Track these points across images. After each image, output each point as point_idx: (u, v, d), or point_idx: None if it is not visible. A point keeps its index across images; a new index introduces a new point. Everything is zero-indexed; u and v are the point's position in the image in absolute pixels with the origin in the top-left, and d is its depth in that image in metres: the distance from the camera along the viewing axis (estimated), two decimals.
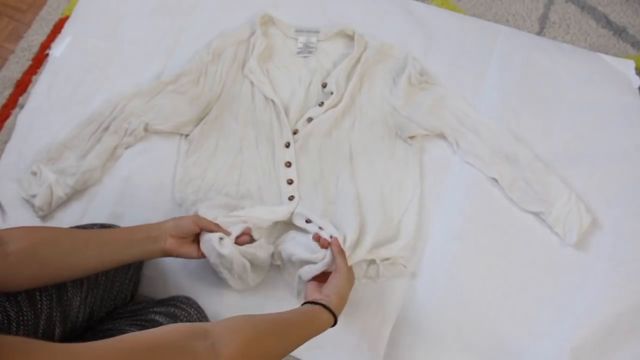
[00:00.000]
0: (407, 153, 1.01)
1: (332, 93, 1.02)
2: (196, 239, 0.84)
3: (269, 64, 1.08)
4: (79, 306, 0.73)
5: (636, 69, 1.10)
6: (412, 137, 1.02)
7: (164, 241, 0.79)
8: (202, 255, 0.83)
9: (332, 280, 0.79)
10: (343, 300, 0.78)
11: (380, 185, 0.98)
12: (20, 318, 0.65)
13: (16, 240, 0.67)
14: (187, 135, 1.02)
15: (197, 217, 0.84)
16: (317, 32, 1.10)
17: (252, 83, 1.05)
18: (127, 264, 0.81)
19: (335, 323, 0.74)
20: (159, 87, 1.03)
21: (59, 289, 0.71)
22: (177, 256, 0.82)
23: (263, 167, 0.99)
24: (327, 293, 0.77)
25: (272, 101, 1.03)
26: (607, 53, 1.13)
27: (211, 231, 0.83)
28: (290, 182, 0.98)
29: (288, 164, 0.99)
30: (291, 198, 0.97)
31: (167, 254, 0.80)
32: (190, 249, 0.83)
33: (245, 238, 0.85)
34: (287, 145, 1.00)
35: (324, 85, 1.05)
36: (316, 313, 0.72)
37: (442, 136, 1.04)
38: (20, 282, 0.67)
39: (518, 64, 1.10)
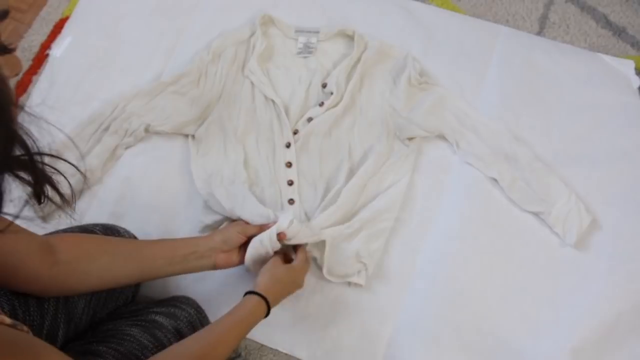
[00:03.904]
0: (403, 153, 1.01)
1: (332, 93, 1.02)
2: (241, 246, 0.86)
3: (269, 65, 1.08)
4: (83, 308, 0.73)
5: (636, 69, 1.10)
6: (410, 139, 1.02)
7: (214, 257, 0.81)
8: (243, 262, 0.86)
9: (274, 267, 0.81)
10: (277, 283, 0.79)
11: (373, 192, 0.98)
12: (27, 318, 0.65)
13: (64, 250, 0.68)
14: (192, 136, 1.02)
15: (242, 227, 0.86)
16: (317, 32, 1.10)
17: (252, 83, 1.05)
18: None
19: (268, 313, 0.76)
20: (160, 87, 1.03)
21: None
22: (225, 268, 0.84)
23: (263, 167, 0.99)
24: (259, 280, 0.78)
25: (273, 101, 1.03)
26: (607, 53, 1.13)
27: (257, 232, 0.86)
28: (290, 183, 0.98)
29: (289, 164, 0.99)
30: (291, 201, 0.97)
31: (217, 268, 0.83)
32: (238, 258, 0.85)
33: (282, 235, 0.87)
34: (288, 146, 1.00)
35: (324, 86, 1.05)
36: (254, 315, 0.74)
37: (441, 137, 1.04)
38: (62, 291, 0.69)
39: (518, 64, 1.10)
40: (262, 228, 0.85)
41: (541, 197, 0.97)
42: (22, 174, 0.40)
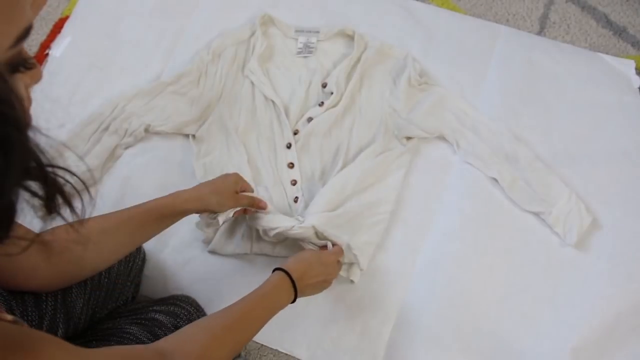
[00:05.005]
0: (399, 150, 1.00)
1: (332, 93, 1.02)
2: None
3: (269, 64, 1.08)
4: (82, 307, 0.73)
5: (636, 69, 1.10)
6: (408, 139, 1.02)
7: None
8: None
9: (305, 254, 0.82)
10: (303, 262, 0.79)
11: (364, 182, 0.98)
12: (25, 318, 0.64)
13: (59, 241, 0.67)
14: (193, 135, 1.02)
15: (235, 200, 0.84)
16: (317, 32, 1.10)
17: (252, 83, 1.05)
18: (129, 267, 0.83)
19: (295, 298, 0.75)
20: (160, 87, 1.03)
21: (63, 291, 0.71)
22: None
23: (266, 168, 0.99)
24: (287, 260, 0.79)
25: (272, 101, 1.03)
26: (607, 53, 1.13)
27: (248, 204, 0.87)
28: (293, 182, 0.98)
29: (291, 165, 0.99)
30: (296, 199, 0.97)
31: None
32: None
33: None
34: (289, 146, 1.00)
35: (324, 85, 1.05)
36: (278, 289, 0.74)
37: (441, 137, 1.03)
38: (63, 281, 0.68)
39: (518, 64, 1.10)
40: (254, 200, 0.86)
41: (541, 197, 0.97)
42: (33, 188, 0.40)
